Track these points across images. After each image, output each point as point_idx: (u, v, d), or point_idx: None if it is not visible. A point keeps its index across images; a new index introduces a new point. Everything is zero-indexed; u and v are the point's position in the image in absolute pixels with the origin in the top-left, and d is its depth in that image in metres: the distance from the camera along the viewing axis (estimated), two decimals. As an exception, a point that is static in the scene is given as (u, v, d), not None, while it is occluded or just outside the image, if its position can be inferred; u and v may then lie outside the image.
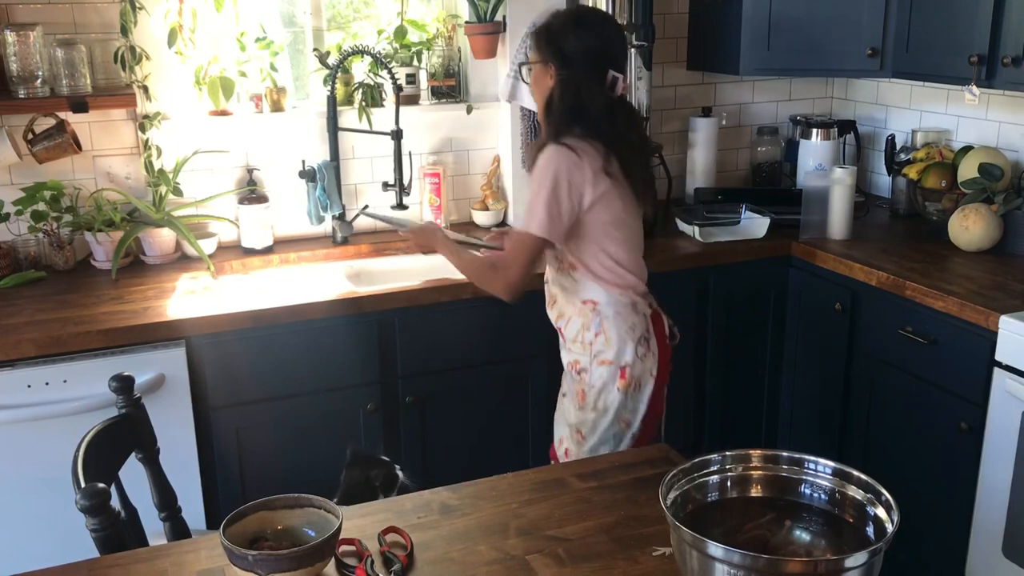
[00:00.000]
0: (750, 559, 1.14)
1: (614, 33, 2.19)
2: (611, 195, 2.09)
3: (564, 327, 2.21)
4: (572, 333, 2.19)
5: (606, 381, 2.13)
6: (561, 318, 2.22)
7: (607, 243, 2.12)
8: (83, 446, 1.63)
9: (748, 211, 3.08)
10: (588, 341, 2.15)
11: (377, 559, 1.42)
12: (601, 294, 2.14)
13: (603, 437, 2.16)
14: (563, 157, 2.06)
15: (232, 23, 2.89)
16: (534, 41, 2.19)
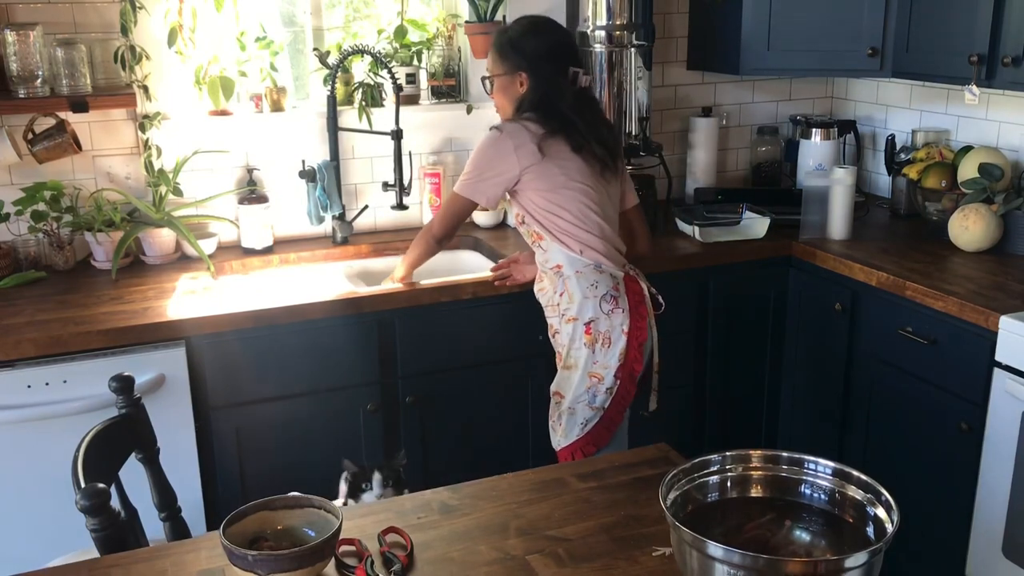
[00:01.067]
0: (750, 559, 1.14)
1: (565, 33, 2.46)
2: (544, 166, 2.29)
3: (542, 298, 2.41)
4: (546, 299, 2.39)
5: (572, 337, 2.30)
6: (541, 292, 2.41)
7: (552, 205, 2.31)
8: (83, 446, 1.63)
9: (748, 211, 3.08)
10: (556, 303, 2.35)
11: (377, 559, 1.42)
12: (563, 256, 2.31)
13: (576, 393, 2.31)
14: (489, 137, 2.35)
15: (232, 23, 2.89)
16: (497, 54, 2.36)
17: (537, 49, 2.34)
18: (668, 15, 3.37)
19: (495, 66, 2.39)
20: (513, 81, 2.36)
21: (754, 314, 3.05)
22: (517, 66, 2.35)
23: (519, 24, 2.43)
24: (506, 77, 2.37)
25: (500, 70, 2.38)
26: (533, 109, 2.33)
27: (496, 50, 2.39)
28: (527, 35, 2.37)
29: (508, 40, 2.37)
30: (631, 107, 3.07)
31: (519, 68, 2.35)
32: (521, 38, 2.36)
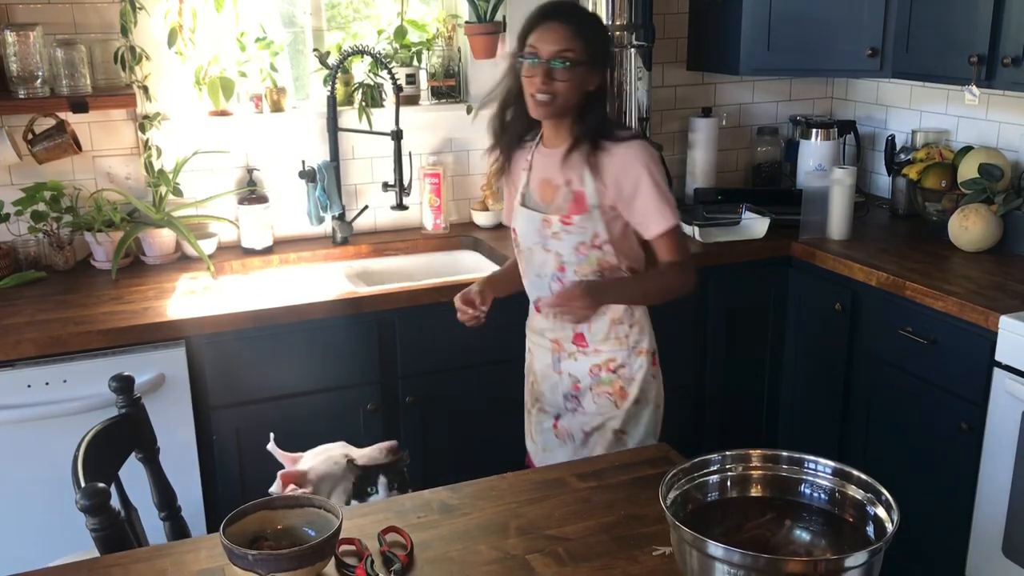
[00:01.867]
0: (750, 559, 1.14)
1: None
2: None
3: (587, 331, 2.12)
4: (600, 333, 2.12)
5: (646, 370, 2.15)
6: (597, 326, 2.12)
7: (631, 229, 2.10)
8: (83, 446, 1.63)
9: (748, 211, 3.08)
10: (623, 335, 2.13)
11: (377, 559, 1.42)
12: None
13: (647, 429, 2.16)
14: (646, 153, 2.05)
15: (232, 23, 2.88)
16: (587, 41, 1.98)
17: (611, 46, 2.10)
18: (668, 15, 3.37)
19: (581, 51, 1.98)
20: (589, 77, 2.01)
21: (754, 314, 3.05)
22: (604, 61, 2.04)
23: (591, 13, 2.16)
24: (585, 68, 1.99)
25: (583, 56, 1.98)
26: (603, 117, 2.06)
27: (590, 35, 2.00)
28: (603, 27, 2.10)
29: (602, 29, 2.07)
30: (631, 107, 3.07)
31: (604, 65, 2.04)
32: (604, 30, 2.08)
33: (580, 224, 2.04)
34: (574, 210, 2.05)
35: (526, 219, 2.12)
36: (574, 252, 2.06)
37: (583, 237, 2.05)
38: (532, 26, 2.00)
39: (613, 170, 2.01)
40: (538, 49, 1.97)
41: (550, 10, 2.02)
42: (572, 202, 2.06)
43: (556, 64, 1.95)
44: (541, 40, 1.97)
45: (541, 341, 2.20)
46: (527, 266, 2.17)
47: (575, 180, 2.05)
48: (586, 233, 2.04)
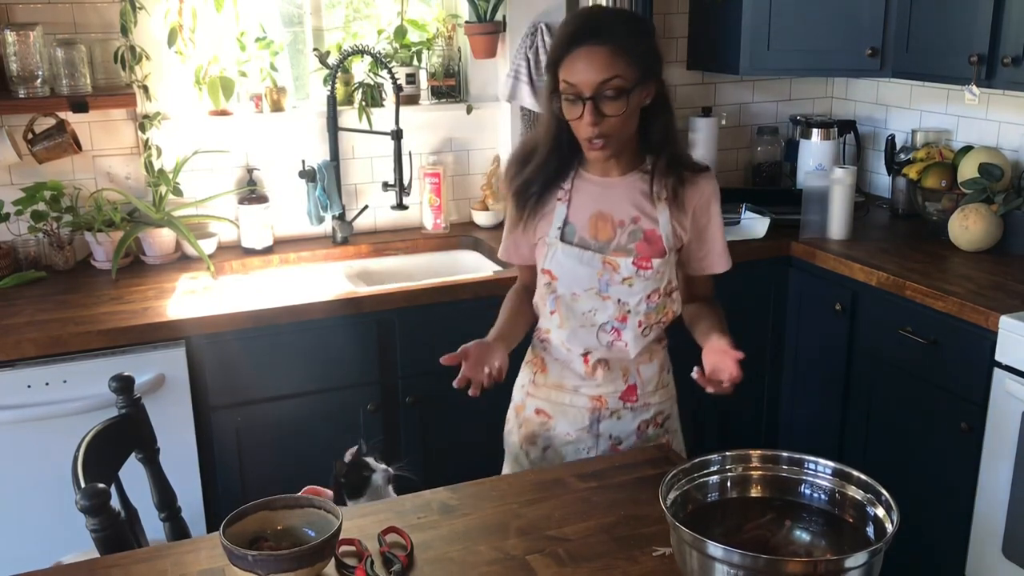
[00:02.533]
0: (750, 559, 1.14)
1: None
2: None
3: (638, 380, 1.89)
4: (651, 383, 1.90)
5: (678, 418, 2.00)
6: (628, 374, 1.88)
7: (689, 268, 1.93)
8: (83, 446, 1.63)
9: (748, 211, 3.08)
10: (667, 382, 1.94)
11: (377, 559, 1.42)
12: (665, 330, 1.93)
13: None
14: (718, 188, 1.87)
15: (232, 23, 2.88)
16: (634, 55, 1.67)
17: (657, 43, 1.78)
18: (668, 15, 3.37)
19: (628, 72, 1.66)
20: (643, 93, 1.72)
21: (754, 314, 3.05)
22: (657, 67, 1.74)
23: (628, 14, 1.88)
24: (639, 89, 1.70)
25: (634, 77, 1.67)
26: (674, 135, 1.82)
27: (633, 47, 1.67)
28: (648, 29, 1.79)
29: (649, 38, 1.75)
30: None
31: (659, 71, 1.75)
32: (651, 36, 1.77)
33: (659, 269, 1.79)
34: (650, 252, 1.79)
35: (576, 259, 1.80)
36: (645, 300, 1.81)
37: (659, 284, 1.81)
38: (562, 55, 1.68)
39: (693, 204, 1.81)
40: (577, 84, 1.66)
41: (579, 32, 1.68)
42: (644, 242, 1.79)
43: (604, 96, 1.66)
44: (578, 71, 1.66)
45: (572, 400, 1.89)
46: (567, 314, 1.84)
47: (644, 216, 1.79)
48: (663, 279, 1.81)
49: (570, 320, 1.84)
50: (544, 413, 1.92)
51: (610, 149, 1.73)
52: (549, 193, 1.82)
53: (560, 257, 1.81)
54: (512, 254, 1.95)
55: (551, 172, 1.81)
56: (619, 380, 1.87)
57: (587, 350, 1.85)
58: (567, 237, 1.81)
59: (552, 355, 1.90)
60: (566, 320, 1.84)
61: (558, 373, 1.90)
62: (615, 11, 1.89)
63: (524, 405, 1.97)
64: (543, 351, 1.93)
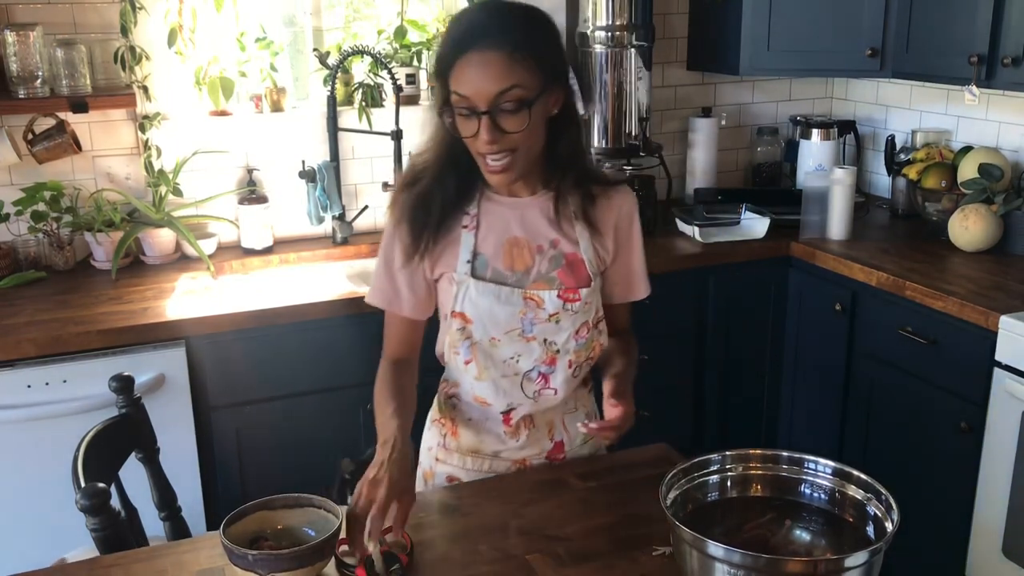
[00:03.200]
0: (750, 559, 1.14)
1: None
2: None
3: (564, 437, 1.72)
4: (578, 437, 1.74)
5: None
6: (553, 430, 1.70)
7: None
8: (83, 446, 1.63)
9: (748, 211, 3.08)
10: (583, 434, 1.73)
11: (377, 559, 1.42)
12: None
13: None
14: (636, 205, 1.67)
15: (232, 23, 2.89)
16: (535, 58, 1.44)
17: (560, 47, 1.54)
18: (668, 15, 3.37)
19: (529, 79, 1.43)
20: (548, 102, 1.50)
21: (754, 314, 3.05)
22: (562, 72, 1.53)
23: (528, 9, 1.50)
24: (544, 97, 1.47)
25: (536, 85, 1.44)
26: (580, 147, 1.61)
27: (533, 49, 1.44)
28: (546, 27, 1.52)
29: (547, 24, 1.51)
30: (631, 107, 3.07)
31: (564, 76, 1.53)
32: (553, 27, 1.52)
33: (587, 299, 1.59)
34: (575, 281, 1.58)
35: (492, 297, 1.56)
36: (574, 337, 1.60)
37: (587, 316, 1.61)
38: (451, 61, 1.43)
39: (611, 222, 1.61)
40: (470, 96, 1.42)
41: (468, 34, 1.43)
42: (566, 269, 1.58)
43: (502, 110, 1.42)
44: (470, 81, 1.41)
45: (492, 466, 1.69)
46: (485, 363, 1.59)
47: (564, 239, 1.59)
48: (591, 310, 1.61)
49: (490, 370, 1.60)
50: (457, 480, 1.71)
51: (513, 170, 1.48)
52: (451, 218, 1.56)
53: (473, 296, 1.55)
54: (392, 299, 1.63)
55: (450, 192, 1.55)
56: (544, 439, 1.68)
57: (510, 406, 1.62)
58: (478, 271, 1.56)
59: (464, 415, 1.67)
60: (485, 371, 1.60)
61: (473, 436, 1.67)
62: (512, 5, 1.50)
63: (433, 472, 1.73)
64: (451, 410, 1.69)
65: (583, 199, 1.58)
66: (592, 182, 1.60)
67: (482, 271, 1.57)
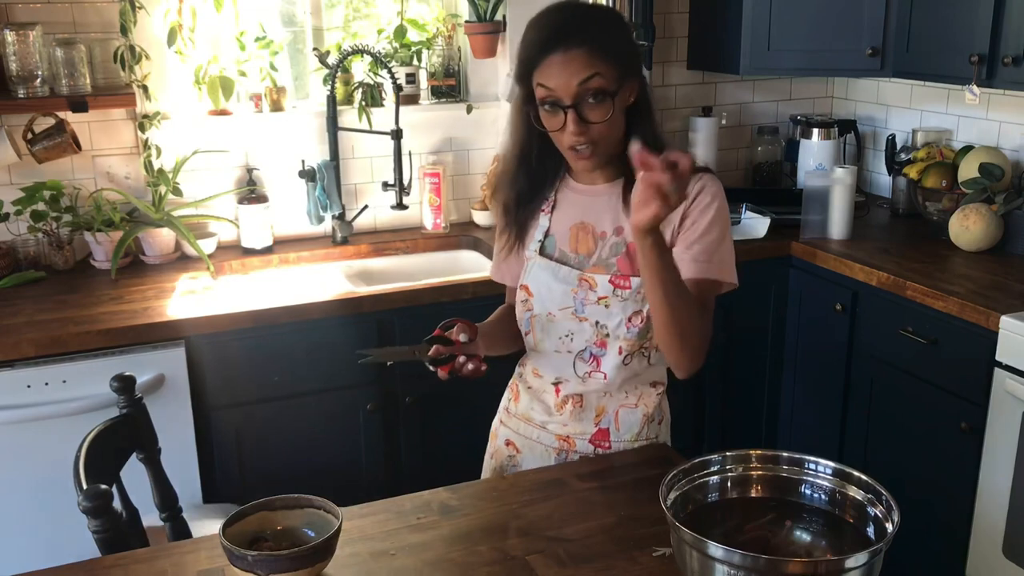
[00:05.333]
0: (750, 559, 1.14)
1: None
2: None
3: (612, 426, 1.73)
4: (631, 430, 1.73)
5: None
6: (602, 416, 1.73)
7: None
8: (84, 447, 1.63)
9: (748, 211, 3.08)
10: (655, 434, 1.74)
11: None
12: (664, 369, 1.74)
13: None
14: (721, 189, 1.63)
15: (232, 23, 2.88)
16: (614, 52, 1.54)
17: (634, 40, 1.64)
18: (668, 15, 3.36)
19: (609, 71, 1.52)
20: (626, 93, 1.59)
21: (754, 314, 3.05)
22: (637, 63, 1.61)
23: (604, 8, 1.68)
24: (624, 88, 1.57)
25: (616, 76, 1.54)
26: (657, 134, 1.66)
27: (611, 43, 1.54)
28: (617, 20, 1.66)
29: (621, 19, 1.64)
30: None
31: (639, 67, 1.61)
32: (620, 28, 1.61)
33: (639, 289, 1.61)
34: (629, 269, 1.62)
35: (551, 275, 1.67)
36: (626, 324, 1.64)
37: (639, 306, 1.63)
38: (535, 60, 1.53)
39: (680, 210, 1.58)
40: (555, 90, 1.52)
41: (551, 35, 1.53)
42: (625, 257, 1.62)
43: (586, 102, 1.52)
44: (554, 76, 1.52)
45: (540, 436, 1.77)
46: (542, 336, 1.70)
47: (628, 228, 1.61)
48: (643, 301, 1.61)
49: (544, 343, 1.71)
50: (513, 446, 1.81)
51: (598, 157, 1.59)
52: (532, 205, 1.70)
53: (536, 272, 1.68)
54: (504, 273, 1.81)
55: (524, 185, 1.68)
56: (589, 421, 1.72)
57: (559, 380, 1.71)
58: (546, 250, 1.69)
59: (526, 383, 1.78)
60: (540, 343, 1.71)
61: (527, 404, 1.78)
62: (585, 6, 1.65)
63: (497, 433, 1.87)
64: (519, 378, 1.82)
65: None
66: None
67: (550, 251, 1.70)
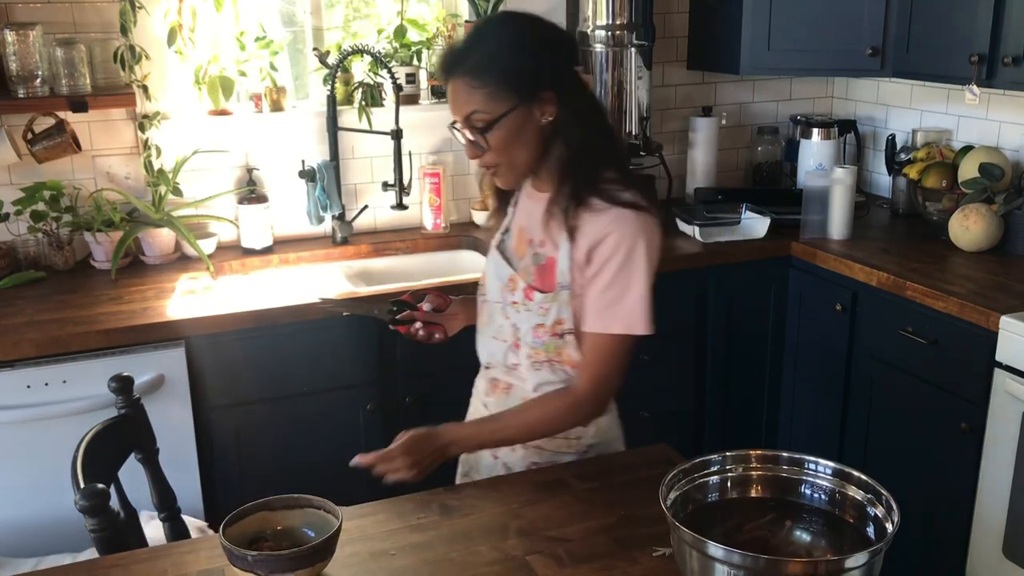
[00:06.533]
0: (750, 559, 1.14)
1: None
2: None
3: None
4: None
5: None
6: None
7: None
8: (82, 446, 1.63)
9: (748, 211, 3.08)
10: (574, 435, 1.73)
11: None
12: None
13: None
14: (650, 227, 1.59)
15: (232, 22, 2.88)
16: (495, 83, 1.52)
17: (553, 45, 1.58)
18: (668, 15, 3.37)
19: (488, 103, 1.52)
20: (526, 117, 1.55)
21: (754, 314, 3.05)
22: (536, 84, 1.54)
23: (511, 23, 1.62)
24: (510, 117, 1.54)
25: (495, 108, 1.53)
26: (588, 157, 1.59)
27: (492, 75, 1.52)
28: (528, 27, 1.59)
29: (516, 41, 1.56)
30: (631, 107, 3.07)
31: (540, 86, 1.55)
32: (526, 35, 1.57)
33: (541, 304, 1.63)
34: (539, 283, 1.64)
35: (494, 267, 1.74)
36: (531, 332, 1.66)
37: (543, 320, 1.64)
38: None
39: (586, 244, 1.57)
40: (454, 116, 1.59)
41: (440, 61, 1.59)
42: (539, 270, 1.64)
43: (473, 129, 1.55)
44: (450, 103, 1.58)
45: (481, 411, 1.85)
46: (487, 321, 1.77)
47: (548, 242, 1.63)
48: (547, 316, 1.63)
49: (486, 328, 1.78)
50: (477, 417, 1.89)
51: (503, 178, 1.63)
52: (507, 199, 1.79)
53: (489, 260, 1.77)
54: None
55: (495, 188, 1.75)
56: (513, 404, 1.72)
57: (490, 364, 1.79)
58: (503, 243, 1.76)
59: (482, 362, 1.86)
60: (484, 326, 1.79)
61: (475, 385, 1.89)
62: (481, 30, 1.60)
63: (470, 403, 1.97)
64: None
65: (572, 208, 1.58)
66: (592, 195, 1.57)
67: (502, 245, 1.76)
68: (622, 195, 1.57)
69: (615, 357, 1.61)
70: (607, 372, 1.62)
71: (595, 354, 1.62)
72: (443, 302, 1.89)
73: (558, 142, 1.58)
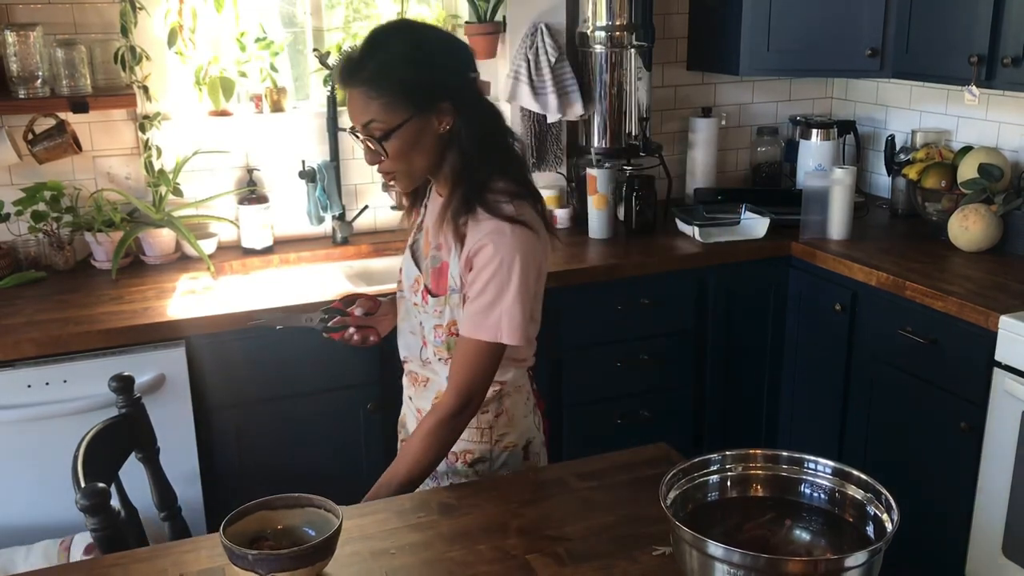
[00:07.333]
0: (750, 559, 1.14)
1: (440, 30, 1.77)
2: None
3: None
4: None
5: (514, 466, 1.81)
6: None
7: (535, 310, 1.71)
8: (83, 446, 1.63)
9: (748, 211, 3.08)
10: (486, 424, 1.77)
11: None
12: (510, 372, 1.75)
13: None
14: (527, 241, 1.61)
15: (232, 23, 2.89)
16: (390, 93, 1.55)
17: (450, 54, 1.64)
18: (668, 15, 3.37)
19: (385, 113, 1.56)
20: (422, 126, 1.59)
21: (754, 314, 3.05)
22: (433, 95, 1.58)
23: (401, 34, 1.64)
24: (407, 126, 1.57)
25: (392, 118, 1.56)
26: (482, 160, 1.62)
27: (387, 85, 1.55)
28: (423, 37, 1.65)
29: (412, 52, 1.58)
30: (631, 107, 3.08)
31: (438, 98, 1.58)
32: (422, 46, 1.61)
33: (435, 307, 1.70)
34: (434, 286, 1.71)
35: (407, 267, 1.81)
36: (433, 332, 1.73)
37: (440, 321, 1.71)
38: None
39: (470, 246, 1.61)
40: (354, 123, 1.62)
41: (337, 69, 1.61)
42: (435, 272, 1.71)
43: (370, 137, 1.59)
44: (349, 111, 1.62)
45: (407, 406, 1.91)
46: (404, 318, 1.82)
47: (444, 246, 1.68)
48: (442, 318, 1.70)
49: (403, 323, 1.83)
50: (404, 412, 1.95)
51: (402, 184, 1.69)
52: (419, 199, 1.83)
53: (405, 258, 1.82)
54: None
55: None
56: (428, 402, 1.78)
57: (407, 358, 1.84)
58: (414, 243, 1.82)
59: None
60: (401, 321, 1.84)
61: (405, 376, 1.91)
62: (378, 39, 1.61)
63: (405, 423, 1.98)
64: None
65: (460, 216, 1.62)
66: (479, 203, 1.61)
67: (416, 244, 1.81)
68: (504, 207, 1.61)
69: (481, 363, 1.65)
70: (472, 378, 1.65)
71: (463, 359, 1.65)
72: (373, 305, 1.93)
73: (454, 149, 1.63)
